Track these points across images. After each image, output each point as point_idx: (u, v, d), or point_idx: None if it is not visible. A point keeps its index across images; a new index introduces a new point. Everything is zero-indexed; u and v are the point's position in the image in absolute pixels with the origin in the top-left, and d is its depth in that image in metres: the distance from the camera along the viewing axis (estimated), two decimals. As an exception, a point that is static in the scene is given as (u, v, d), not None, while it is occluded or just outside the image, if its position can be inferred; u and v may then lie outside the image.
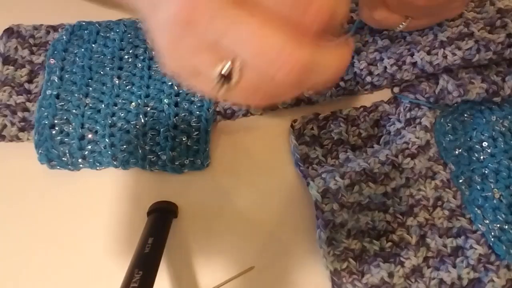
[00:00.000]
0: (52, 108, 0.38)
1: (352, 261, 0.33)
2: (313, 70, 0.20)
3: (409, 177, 0.36)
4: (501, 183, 0.35)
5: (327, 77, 0.22)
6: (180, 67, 0.22)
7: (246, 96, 0.22)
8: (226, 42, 0.20)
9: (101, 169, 0.38)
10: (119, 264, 0.34)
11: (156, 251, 0.32)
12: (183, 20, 0.20)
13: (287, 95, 0.24)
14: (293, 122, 0.39)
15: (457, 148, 0.37)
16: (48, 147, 0.37)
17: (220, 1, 0.19)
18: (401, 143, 0.37)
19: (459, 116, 0.38)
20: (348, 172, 0.35)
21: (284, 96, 0.23)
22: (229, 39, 0.20)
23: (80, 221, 0.36)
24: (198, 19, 0.20)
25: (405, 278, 0.32)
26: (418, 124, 0.37)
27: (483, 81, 0.37)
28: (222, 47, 0.20)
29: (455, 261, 0.33)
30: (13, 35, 0.42)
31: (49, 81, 0.39)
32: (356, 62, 0.40)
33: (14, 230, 0.36)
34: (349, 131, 0.39)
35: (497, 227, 0.33)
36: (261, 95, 0.22)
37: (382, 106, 0.40)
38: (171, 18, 0.20)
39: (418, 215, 0.34)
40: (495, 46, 0.37)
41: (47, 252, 0.35)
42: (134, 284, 0.28)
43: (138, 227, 0.34)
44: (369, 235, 0.34)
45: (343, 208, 0.34)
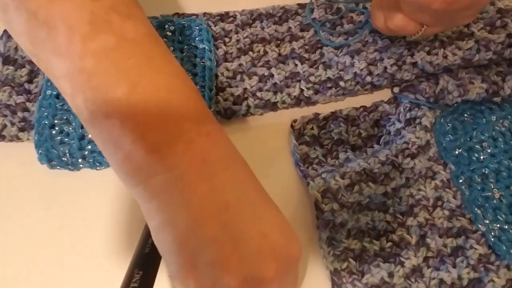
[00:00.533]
0: (52, 108, 0.38)
1: (352, 261, 0.33)
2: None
3: (409, 177, 0.36)
4: (501, 183, 0.35)
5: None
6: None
7: None
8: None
9: (101, 169, 0.38)
10: (119, 264, 0.34)
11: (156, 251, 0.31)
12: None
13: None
14: (293, 122, 0.39)
15: (457, 148, 0.37)
16: (48, 147, 0.37)
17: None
18: (401, 143, 0.37)
19: (459, 116, 0.38)
20: (348, 172, 0.35)
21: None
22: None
23: (80, 221, 0.36)
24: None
25: (405, 278, 0.32)
26: (418, 124, 0.37)
27: (483, 81, 0.37)
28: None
29: (455, 261, 0.33)
30: (13, 35, 0.42)
31: (49, 81, 0.39)
32: (356, 62, 0.40)
33: (14, 230, 0.36)
34: (349, 131, 0.39)
35: (497, 227, 0.33)
36: None
37: (382, 106, 0.40)
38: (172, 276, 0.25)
39: (418, 215, 0.34)
40: (495, 46, 0.37)
41: (47, 252, 0.35)
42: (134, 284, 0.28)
43: (138, 227, 0.34)
44: (369, 235, 0.34)
45: (343, 208, 0.34)
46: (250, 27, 0.43)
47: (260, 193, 0.26)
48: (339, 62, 0.41)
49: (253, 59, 0.41)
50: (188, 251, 0.23)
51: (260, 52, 0.42)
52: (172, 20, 0.42)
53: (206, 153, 0.24)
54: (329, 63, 0.41)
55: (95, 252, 0.35)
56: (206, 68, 0.40)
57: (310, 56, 0.41)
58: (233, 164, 0.25)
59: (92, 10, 0.24)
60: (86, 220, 0.36)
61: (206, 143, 0.25)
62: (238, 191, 0.25)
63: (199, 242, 0.23)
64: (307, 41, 0.42)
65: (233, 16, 0.43)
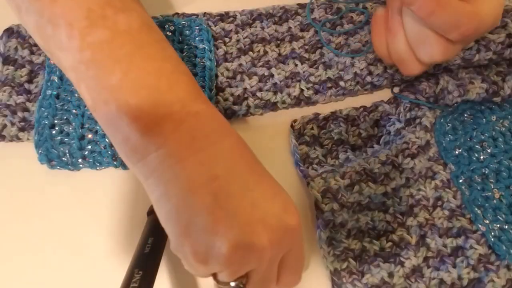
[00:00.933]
0: (52, 108, 0.38)
1: (352, 261, 0.33)
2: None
3: (409, 177, 0.36)
4: (501, 183, 0.35)
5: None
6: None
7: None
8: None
9: (101, 169, 0.38)
10: (119, 264, 0.34)
11: (156, 251, 0.32)
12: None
13: None
14: (293, 122, 0.39)
15: (457, 148, 0.37)
16: (48, 147, 0.37)
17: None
18: (401, 143, 0.37)
19: (459, 116, 0.38)
20: (348, 172, 0.35)
21: None
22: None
23: (80, 221, 0.36)
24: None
25: (405, 278, 0.32)
26: (418, 124, 0.37)
27: (483, 81, 0.37)
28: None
29: (455, 261, 0.33)
30: (13, 35, 0.42)
31: (49, 81, 0.39)
32: (356, 62, 0.40)
33: (14, 230, 0.36)
34: (349, 131, 0.39)
35: (497, 227, 0.33)
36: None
37: (382, 106, 0.40)
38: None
39: (418, 215, 0.34)
40: (495, 46, 0.37)
41: (47, 252, 0.35)
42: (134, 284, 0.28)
43: (138, 227, 0.34)
44: (369, 235, 0.34)
45: (343, 208, 0.34)
46: (250, 27, 0.43)
47: (253, 165, 0.27)
48: (339, 62, 0.41)
49: (253, 59, 0.41)
50: (182, 220, 0.25)
51: (260, 52, 0.42)
52: (172, 20, 0.42)
53: (194, 131, 0.26)
54: (329, 63, 0.41)
55: (95, 252, 0.35)
56: (206, 68, 0.40)
57: (310, 56, 0.41)
58: (223, 139, 0.27)
59: (89, 7, 0.26)
60: (86, 220, 0.36)
61: (195, 121, 0.27)
62: (227, 164, 0.26)
63: (191, 211, 0.25)
64: (307, 41, 0.42)
65: (233, 16, 0.43)
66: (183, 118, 0.26)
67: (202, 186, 0.25)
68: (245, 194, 0.26)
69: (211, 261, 0.25)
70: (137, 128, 0.26)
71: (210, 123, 0.27)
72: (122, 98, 0.26)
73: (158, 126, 0.26)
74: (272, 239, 0.25)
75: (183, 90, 0.27)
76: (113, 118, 0.26)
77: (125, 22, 0.27)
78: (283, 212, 0.26)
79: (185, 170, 0.25)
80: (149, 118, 0.26)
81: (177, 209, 0.25)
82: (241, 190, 0.26)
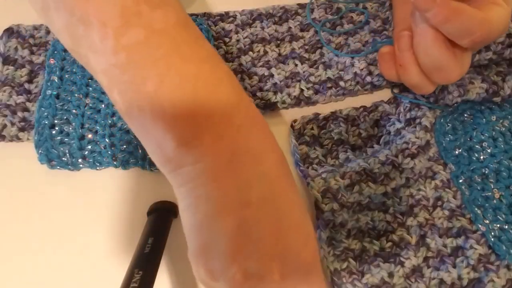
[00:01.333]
0: (52, 108, 0.38)
1: (352, 261, 0.33)
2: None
3: (409, 177, 0.36)
4: (501, 183, 0.35)
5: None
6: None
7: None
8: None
9: (101, 169, 0.38)
10: (119, 264, 0.34)
11: (156, 251, 0.32)
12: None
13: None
14: (293, 122, 0.39)
15: (457, 148, 0.37)
16: (48, 147, 0.37)
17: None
18: (401, 143, 0.37)
19: (459, 116, 0.38)
20: (348, 172, 0.35)
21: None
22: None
23: (80, 221, 0.36)
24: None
25: (405, 278, 0.32)
26: (418, 124, 0.37)
27: (483, 81, 0.37)
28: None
29: (455, 261, 0.33)
30: (13, 35, 0.42)
31: (49, 81, 0.39)
32: (356, 62, 0.40)
33: (14, 230, 0.36)
34: (349, 131, 0.39)
35: (497, 227, 0.33)
36: None
37: (382, 106, 0.40)
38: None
39: (418, 215, 0.34)
40: (495, 46, 0.37)
41: (47, 252, 0.35)
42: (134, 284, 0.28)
43: (138, 227, 0.34)
44: (369, 235, 0.34)
45: (343, 208, 0.34)
46: (250, 27, 0.43)
47: (288, 191, 0.26)
48: (339, 62, 0.41)
49: (253, 59, 0.41)
50: (203, 238, 0.24)
51: (260, 52, 0.42)
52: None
53: (235, 146, 0.25)
54: (329, 63, 0.41)
55: (95, 252, 0.35)
56: (206, 68, 0.40)
57: (310, 56, 0.41)
58: (265, 157, 0.25)
59: (123, 3, 0.24)
60: (86, 220, 0.36)
61: (236, 136, 0.25)
62: (264, 190, 0.25)
63: (214, 232, 0.24)
64: (307, 41, 0.42)
65: (233, 16, 0.43)
66: (223, 132, 0.25)
67: (232, 212, 0.24)
68: (272, 224, 0.24)
69: (221, 281, 0.24)
70: (172, 139, 0.24)
71: (254, 137, 0.26)
72: (158, 106, 0.24)
73: (196, 138, 0.24)
74: (285, 274, 0.24)
75: (224, 99, 0.25)
76: (147, 126, 0.25)
77: (161, 19, 0.25)
78: (302, 247, 0.25)
79: (219, 191, 0.24)
80: (186, 129, 0.24)
81: (201, 226, 0.24)
82: (270, 220, 0.24)
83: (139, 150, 0.37)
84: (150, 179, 0.38)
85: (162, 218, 0.35)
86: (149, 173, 0.38)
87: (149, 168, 0.37)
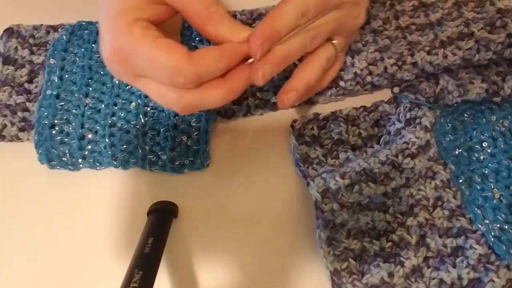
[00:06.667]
0: (52, 108, 0.38)
1: (352, 261, 0.33)
2: (200, 104, 0.29)
3: (409, 177, 0.36)
4: (501, 183, 0.35)
5: (214, 105, 0.30)
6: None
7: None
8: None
9: (101, 169, 0.38)
10: (119, 264, 0.34)
11: (156, 251, 0.32)
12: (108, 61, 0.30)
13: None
14: (293, 122, 0.39)
15: (457, 148, 0.37)
16: (48, 147, 0.37)
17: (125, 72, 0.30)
18: (401, 143, 0.37)
19: (459, 116, 0.38)
20: (348, 172, 0.35)
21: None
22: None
23: (80, 221, 0.36)
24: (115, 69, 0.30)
25: (405, 278, 0.32)
26: (418, 124, 0.37)
27: (483, 81, 0.37)
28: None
29: (455, 261, 0.33)
30: (13, 35, 0.42)
31: (49, 81, 0.39)
32: (356, 62, 0.40)
33: (14, 230, 0.36)
34: (349, 131, 0.39)
35: (497, 227, 0.33)
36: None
37: (382, 106, 0.40)
38: (104, 56, 0.29)
39: (418, 215, 0.34)
40: (495, 46, 0.37)
41: (47, 252, 0.35)
42: (134, 284, 0.28)
43: (138, 227, 0.34)
44: (369, 235, 0.34)
45: (343, 208, 0.34)
46: (250, 27, 0.43)
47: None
48: (339, 62, 0.40)
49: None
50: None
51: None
52: (172, 20, 0.42)
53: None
54: (329, 63, 0.41)
55: (95, 252, 0.35)
56: (206, 68, 0.40)
57: (310, 56, 0.41)
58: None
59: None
60: (86, 220, 0.36)
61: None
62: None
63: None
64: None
65: (233, 16, 0.43)
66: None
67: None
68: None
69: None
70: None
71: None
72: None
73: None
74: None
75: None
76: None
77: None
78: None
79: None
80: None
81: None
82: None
83: (139, 150, 0.37)
84: (150, 179, 0.38)
85: (162, 218, 0.35)
86: (149, 173, 0.38)
87: (149, 168, 0.37)
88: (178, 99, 0.29)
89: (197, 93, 0.29)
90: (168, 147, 0.37)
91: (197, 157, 0.37)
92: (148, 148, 0.37)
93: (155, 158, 0.37)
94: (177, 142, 0.37)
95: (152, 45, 0.28)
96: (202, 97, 0.29)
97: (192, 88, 0.29)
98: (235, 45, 0.29)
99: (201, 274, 0.34)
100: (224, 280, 0.34)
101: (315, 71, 0.34)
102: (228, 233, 0.36)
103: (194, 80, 0.28)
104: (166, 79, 0.28)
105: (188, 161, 0.37)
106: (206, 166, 0.37)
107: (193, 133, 0.37)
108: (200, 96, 0.29)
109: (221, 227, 0.36)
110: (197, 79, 0.28)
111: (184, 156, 0.37)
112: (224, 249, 0.35)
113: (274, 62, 0.30)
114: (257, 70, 0.30)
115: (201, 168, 0.37)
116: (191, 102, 0.29)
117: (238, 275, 0.34)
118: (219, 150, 0.39)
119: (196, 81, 0.28)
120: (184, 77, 0.27)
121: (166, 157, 0.37)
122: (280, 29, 0.30)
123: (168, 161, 0.37)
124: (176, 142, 0.37)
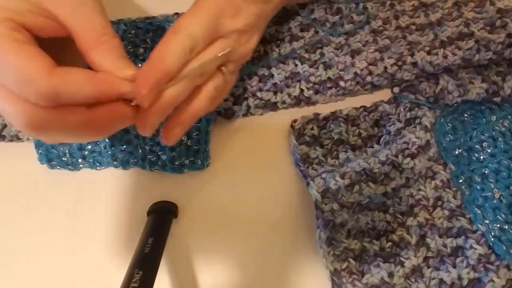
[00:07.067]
0: (52, 108, 0.38)
1: (352, 261, 0.33)
2: (48, 125, 0.25)
3: (409, 177, 0.36)
4: (501, 183, 0.35)
5: (68, 135, 0.26)
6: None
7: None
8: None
9: (101, 169, 0.38)
10: (119, 264, 0.34)
11: (156, 251, 0.32)
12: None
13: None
14: (293, 122, 0.39)
15: (457, 148, 0.37)
16: (48, 147, 0.37)
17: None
18: (401, 143, 0.37)
19: (459, 116, 0.38)
20: (348, 172, 0.35)
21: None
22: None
23: (80, 221, 0.36)
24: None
25: (405, 278, 0.32)
26: (418, 124, 0.37)
27: (483, 81, 0.37)
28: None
29: (455, 261, 0.33)
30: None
31: (49, 81, 0.39)
32: (356, 62, 0.40)
33: (14, 230, 0.36)
34: (349, 131, 0.39)
35: (497, 227, 0.33)
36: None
37: (382, 106, 0.40)
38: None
39: (418, 215, 0.34)
40: (495, 46, 0.37)
41: (47, 252, 0.35)
42: (134, 284, 0.28)
43: (138, 227, 0.34)
44: (369, 235, 0.34)
45: (343, 208, 0.34)
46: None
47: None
48: (339, 62, 0.41)
49: (253, 59, 0.41)
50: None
51: (260, 52, 0.42)
52: (172, 20, 0.42)
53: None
54: (329, 63, 0.41)
55: (95, 252, 0.35)
56: (206, 68, 0.40)
57: (310, 56, 0.41)
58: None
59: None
60: (86, 220, 0.36)
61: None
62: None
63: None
64: (307, 41, 0.42)
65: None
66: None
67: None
68: None
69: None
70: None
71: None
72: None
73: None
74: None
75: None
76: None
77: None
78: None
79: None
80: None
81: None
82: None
83: (139, 150, 0.37)
84: (150, 179, 0.38)
85: (162, 218, 0.35)
86: (149, 173, 0.38)
87: (149, 168, 0.37)
88: (20, 113, 0.24)
89: (49, 113, 0.24)
90: (168, 147, 0.37)
91: (197, 157, 0.37)
92: (148, 148, 0.37)
93: (155, 158, 0.37)
94: (177, 142, 0.37)
95: (9, 46, 0.24)
96: (54, 119, 0.25)
97: (46, 106, 0.24)
98: (111, 76, 0.26)
99: (201, 274, 0.34)
100: (224, 280, 0.34)
101: (203, 103, 0.32)
102: (228, 233, 0.36)
103: (49, 97, 0.24)
104: (14, 86, 0.24)
105: (188, 161, 0.37)
106: (206, 166, 0.37)
107: (193, 133, 0.37)
108: (52, 117, 0.25)
109: (221, 227, 0.36)
110: (54, 97, 0.24)
111: (184, 156, 0.37)
112: (224, 249, 0.35)
113: (163, 110, 0.28)
114: (146, 119, 0.27)
115: (201, 168, 0.37)
116: (37, 120, 0.24)
117: (238, 275, 0.34)
118: (219, 150, 0.39)
119: (52, 100, 0.24)
120: (36, 89, 0.23)
121: (166, 157, 0.37)
122: (170, 69, 0.28)
123: (168, 161, 0.37)
124: (176, 142, 0.37)
